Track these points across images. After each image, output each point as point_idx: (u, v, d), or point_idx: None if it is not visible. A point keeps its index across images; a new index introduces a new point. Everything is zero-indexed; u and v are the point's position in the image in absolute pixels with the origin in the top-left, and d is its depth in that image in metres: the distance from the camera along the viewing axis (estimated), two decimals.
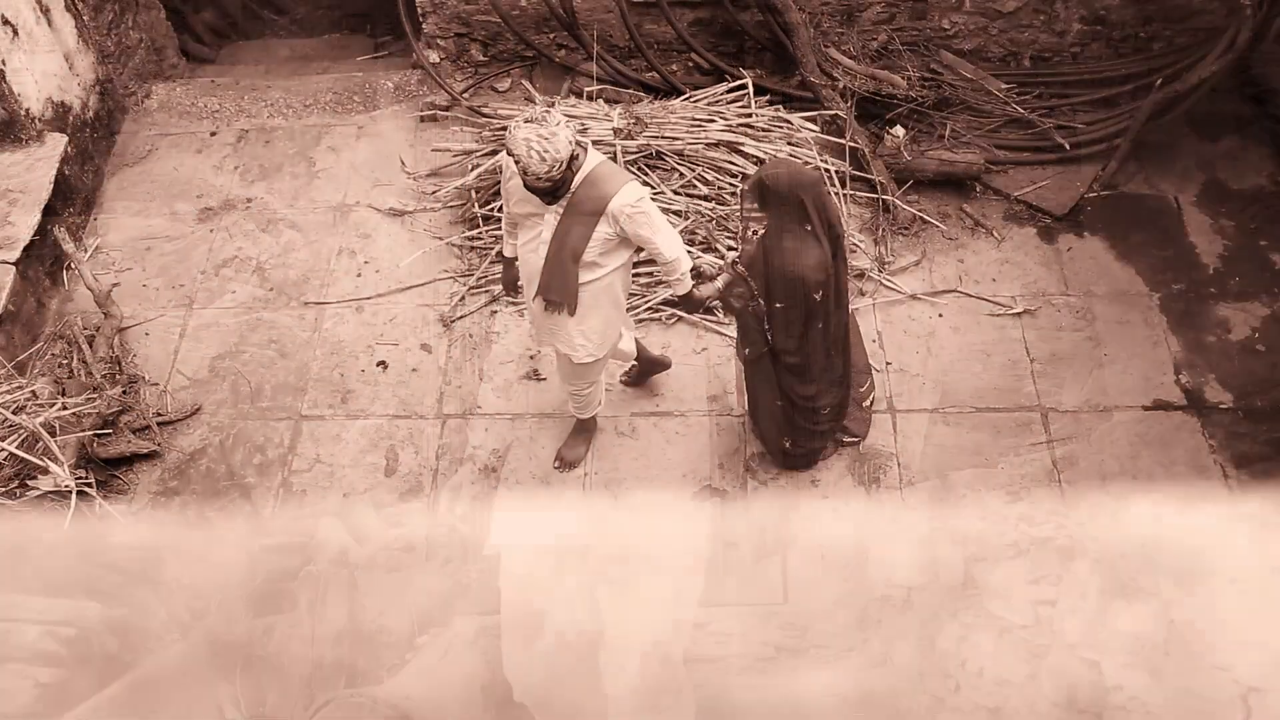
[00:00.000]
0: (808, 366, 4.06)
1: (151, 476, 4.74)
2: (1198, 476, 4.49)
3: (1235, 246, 5.23)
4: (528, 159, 3.30)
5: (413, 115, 6.07)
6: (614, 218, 3.56)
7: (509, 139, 3.33)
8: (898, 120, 5.61)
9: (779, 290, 3.84)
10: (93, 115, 5.84)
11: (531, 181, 3.40)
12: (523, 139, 3.29)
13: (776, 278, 3.81)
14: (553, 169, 3.33)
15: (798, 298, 3.83)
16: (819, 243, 3.74)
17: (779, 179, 3.70)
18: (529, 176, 3.37)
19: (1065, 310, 5.06)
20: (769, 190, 3.70)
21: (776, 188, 3.68)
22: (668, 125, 5.27)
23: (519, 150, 3.31)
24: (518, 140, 3.30)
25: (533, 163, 3.31)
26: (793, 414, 4.25)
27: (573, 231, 3.58)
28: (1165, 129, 5.51)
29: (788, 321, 3.92)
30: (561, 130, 3.30)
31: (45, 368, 4.97)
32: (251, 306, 5.29)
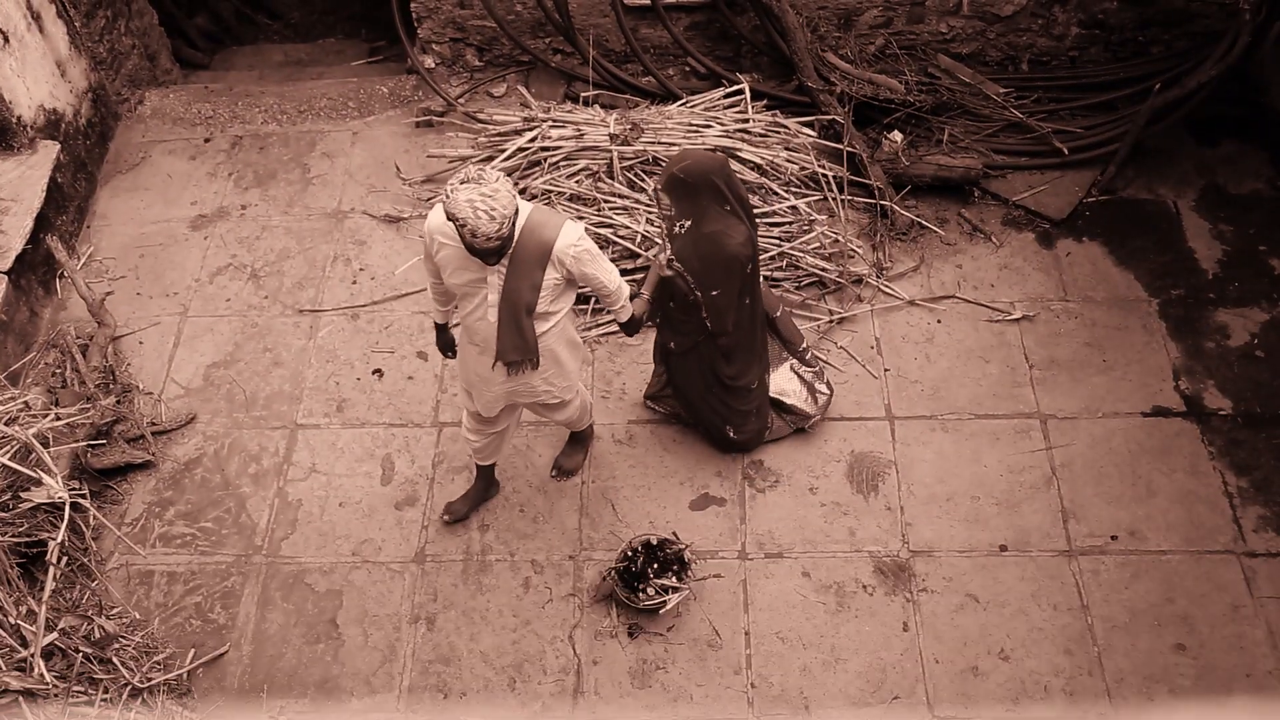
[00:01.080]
0: (738, 346, 4.14)
1: (146, 487, 4.71)
2: (1197, 484, 4.47)
3: (1234, 252, 5.21)
4: (475, 220, 3.14)
5: (408, 121, 6.04)
6: (559, 262, 3.44)
7: (449, 205, 3.16)
8: (895, 125, 5.59)
9: (716, 276, 3.87)
10: (85, 122, 5.80)
11: (481, 243, 3.21)
12: (465, 201, 3.14)
13: (710, 264, 3.84)
14: (503, 226, 3.18)
15: (734, 278, 3.89)
16: (740, 219, 3.81)
17: (691, 169, 3.71)
18: (479, 239, 3.19)
19: (1064, 316, 5.04)
20: (683, 182, 3.72)
21: (690, 178, 3.71)
22: (664, 131, 5.25)
23: (464, 213, 3.14)
24: (460, 204, 3.14)
25: (481, 223, 3.15)
26: (725, 398, 4.32)
27: (522, 286, 3.44)
28: (1164, 134, 5.50)
29: (726, 305, 3.97)
30: (501, 184, 3.17)
31: (38, 377, 4.93)
32: (246, 314, 5.26)
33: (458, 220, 3.17)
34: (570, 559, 4.41)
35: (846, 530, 4.43)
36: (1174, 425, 4.66)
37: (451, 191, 3.16)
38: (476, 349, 3.73)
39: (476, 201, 3.13)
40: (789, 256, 5.11)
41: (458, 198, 3.15)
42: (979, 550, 4.36)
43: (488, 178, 3.16)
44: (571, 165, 5.23)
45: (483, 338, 3.65)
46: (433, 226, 3.47)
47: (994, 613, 4.20)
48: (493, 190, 3.15)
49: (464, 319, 3.68)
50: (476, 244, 3.22)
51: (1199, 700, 3.96)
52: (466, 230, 3.18)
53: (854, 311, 5.09)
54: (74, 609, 4.22)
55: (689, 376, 4.34)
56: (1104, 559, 4.30)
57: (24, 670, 3.83)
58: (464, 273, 3.49)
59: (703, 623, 4.23)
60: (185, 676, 4.18)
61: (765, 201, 5.19)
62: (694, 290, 3.91)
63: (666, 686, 4.09)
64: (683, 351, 4.22)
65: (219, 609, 4.36)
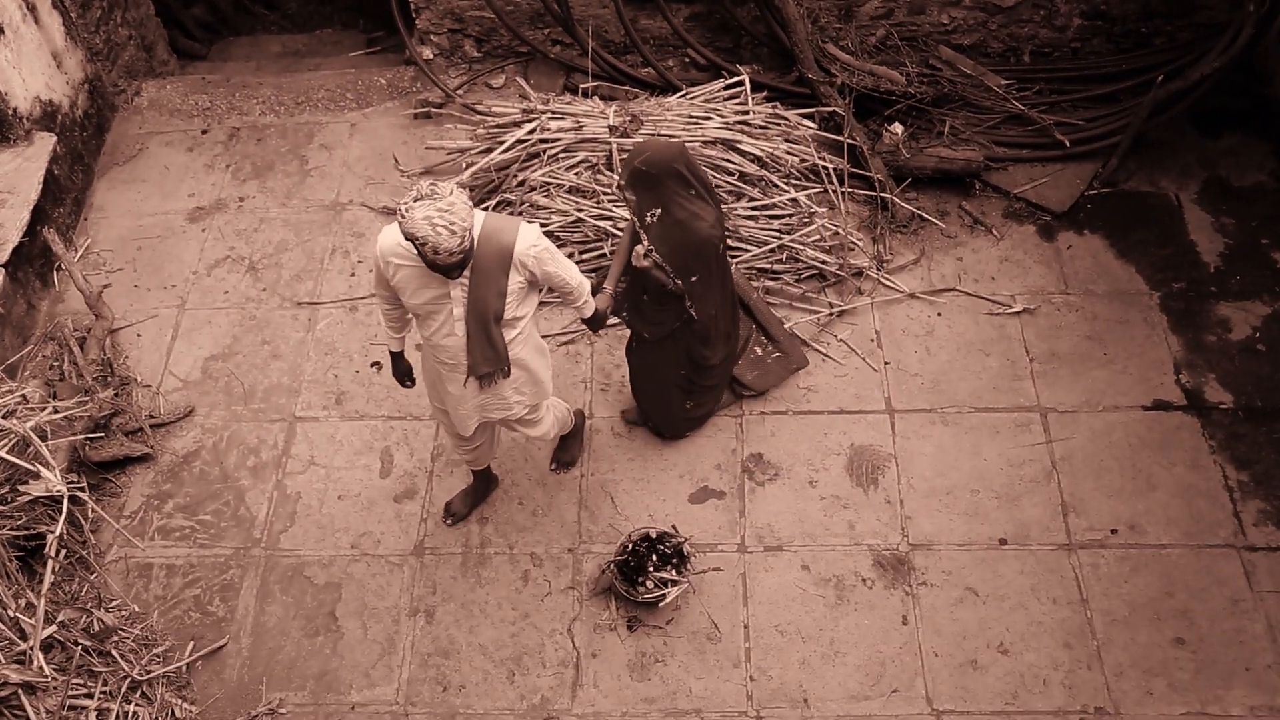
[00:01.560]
0: (716, 328, 4.14)
1: (144, 479, 4.71)
2: (1197, 478, 4.47)
3: (1236, 245, 5.19)
4: (436, 237, 3.03)
5: (406, 112, 6.01)
6: (521, 264, 3.37)
7: (406, 226, 3.05)
8: (896, 117, 5.56)
9: (692, 262, 3.86)
10: (82, 114, 5.77)
11: (444, 259, 3.10)
12: (422, 219, 3.02)
13: (685, 251, 3.83)
14: (464, 239, 3.08)
15: (710, 262, 3.89)
16: (707, 201, 3.81)
17: (652, 160, 3.68)
18: (441, 255, 3.08)
19: (1065, 309, 5.02)
20: (647, 174, 3.70)
21: (653, 169, 3.68)
22: (664, 123, 5.22)
23: (423, 231, 3.03)
24: (417, 223, 3.02)
25: (443, 239, 3.04)
26: (693, 375, 4.33)
27: (488, 294, 3.36)
28: (1166, 126, 5.47)
29: (706, 289, 3.96)
30: (456, 196, 3.07)
31: (36, 370, 4.93)
32: (244, 307, 5.24)
33: (417, 239, 3.06)
34: (569, 552, 4.41)
35: (846, 523, 4.43)
36: (1174, 419, 4.65)
37: (406, 211, 3.04)
38: (445, 367, 3.64)
39: (434, 218, 3.02)
40: (789, 249, 5.09)
41: (414, 216, 3.03)
42: (978, 544, 4.35)
43: (441, 191, 3.06)
44: (570, 157, 5.20)
45: (451, 354, 3.56)
46: (384, 249, 3.36)
47: (993, 606, 4.19)
48: (449, 204, 3.04)
49: (429, 338, 3.56)
50: (440, 260, 3.12)
51: (1198, 694, 3.96)
52: (428, 248, 3.07)
53: (854, 304, 5.07)
54: (73, 602, 4.22)
55: (659, 361, 4.31)
56: (1104, 553, 4.30)
57: (23, 663, 3.83)
58: (425, 291, 3.38)
59: (702, 616, 4.23)
60: (184, 669, 4.19)
61: (765, 194, 5.17)
62: (674, 280, 3.90)
63: (665, 679, 4.09)
64: (659, 338, 4.20)
65: (218, 602, 4.36)
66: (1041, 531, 4.37)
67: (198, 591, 4.39)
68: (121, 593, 4.37)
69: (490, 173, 5.33)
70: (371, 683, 4.14)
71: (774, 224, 5.14)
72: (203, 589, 4.39)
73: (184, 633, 4.28)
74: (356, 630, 4.27)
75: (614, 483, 4.59)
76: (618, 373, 4.89)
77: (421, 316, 3.50)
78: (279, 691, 4.14)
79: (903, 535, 4.39)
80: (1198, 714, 3.92)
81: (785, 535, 4.41)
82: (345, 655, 4.21)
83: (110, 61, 6.09)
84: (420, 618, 4.28)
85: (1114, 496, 4.44)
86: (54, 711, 3.78)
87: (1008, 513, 4.42)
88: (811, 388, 4.82)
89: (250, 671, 4.19)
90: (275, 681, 4.16)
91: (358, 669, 4.18)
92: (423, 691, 4.11)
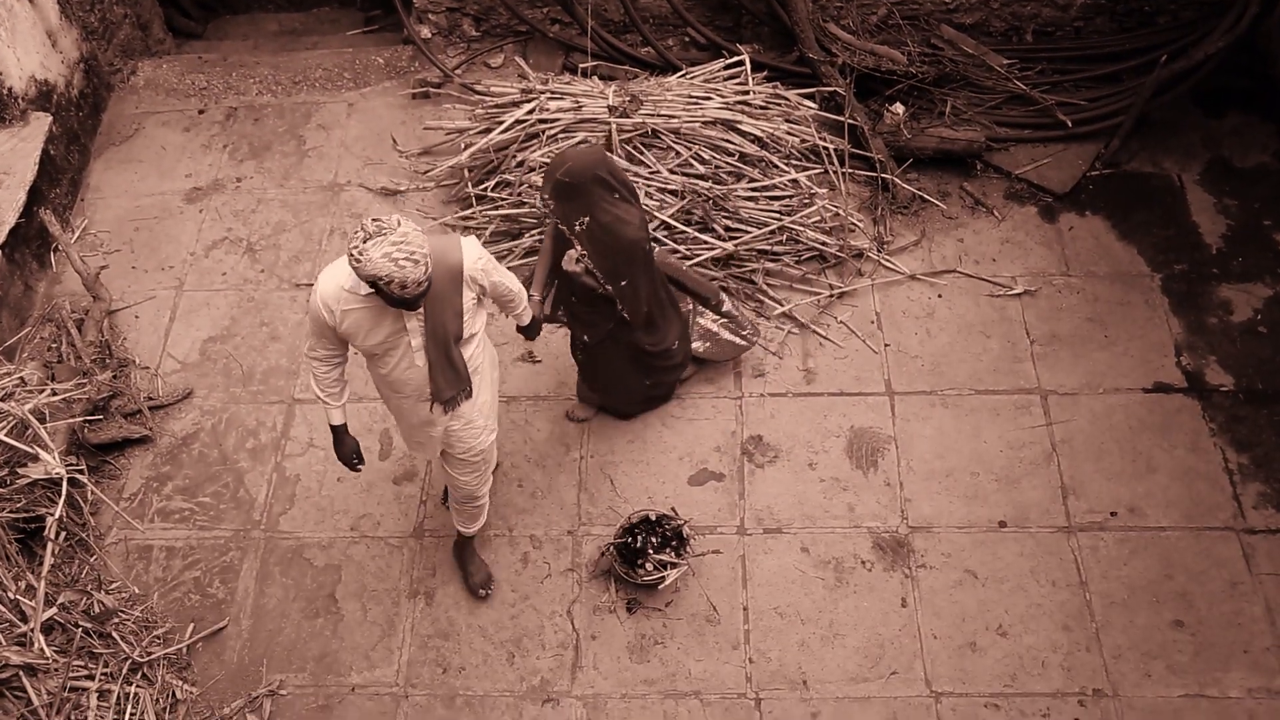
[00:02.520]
0: (656, 318, 4.15)
1: (144, 462, 4.71)
2: (1197, 460, 4.46)
3: (1239, 226, 5.16)
4: (401, 271, 2.91)
5: (404, 92, 5.97)
6: (472, 280, 3.31)
7: (366, 268, 2.91)
8: (897, 97, 5.52)
9: (622, 266, 3.85)
10: (77, 94, 5.73)
11: (412, 290, 2.98)
12: (382, 257, 2.89)
13: (613, 255, 3.81)
14: (427, 266, 2.97)
15: (638, 263, 3.89)
16: (631, 204, 3.80)
17: (574, 170, 3.66)
18: (409, 287, 2.96)
19: (1066, 291, 5.00)
20: (570, 185, 3.67)
21: (575, 179, 3.66)
22: (663, 103, 5.18)
23: (385, 269, 2.90)
24: (377, 262, 2.89)
25: (408, 272, 2.92)
26: (651, 362, 4.33)
27: (445, 317, 3.28)
28: (1169, 106, 5.43)
29: (634, 290, 3.96)
30: (405, 225, 2.95)
31: (34, 352, 4.91)
32: (242, 288, 5.22)
33: (381, 279, 2.93)
34: (569, 534, 4.41)
35: (845, 506, 4.43)
36: (1175, 401, 4.64)
37: (361, 255, 2.91)
38: (408, 401, 3.55)
39: (393, 253, 2.90)
40: (789, 230, 5.07)
41: (373, 257, 2.90)
42: (978, 526, 4.35)
43: (389, 225, 2.93)
44: (570, 138, 5.16)
45: (414, 387, 3.47)
46: (327, 296, 3.21)
47: (992, 589, 4.20)
48: (402, 235, 2.92)
49: (386, 377, 3.46)
50: (408, 294, 2.99)
51: (1196, 676, 3.97)
52: (394, 285, 2.94)
53: (854, 286, 5.05)
54: (73, 584, 4.23)
55: (611, 360, 4.30)
56: (1103, 535, 4.30)
57: (24, 645, 3.84)
58: (379, 330, 3.26)
59: (701, 598, 4.24)
60: (185, 651, 4.20)
61: (765, 175, 5.14)
62: (603, 285, 3.88)
63: (665, 661, 4.10)
64: (598, 340, 4.19)
65: (218, 583, 4.37)
66: (1041, 514, 4.37)
67: (197, 573, 4.39)
68: (121, 575, 4.37)
69: (489, 153, 5.30)
70: (371, 664, 4.15)
71: (774, 205, 5.12)
72: (202, 571, 4.40)
73: (184, 615, 4.29)
74: (356, 612, 4.27)
75: (613, 465, 4.58)
76: None
77: (377, 356, 3.38)
78: (279, 673, 4.15)
79: (902, 518, 4.39)
80: (1196, 696, 3.94)
81: (785, 517, 4.41)
82: (345, 637, 4.22)
83: (105, 40, 6.04)
84: (420, 600, 4.29)
85: (1114, 479, 4.44)
86: (55, 693, 3.79)
87: (1007, 495, 4.42)
88: (811, 370, 4.81)
89: (250, 653, 4.20)
90: (275, 663, 4.17)
91: (358, 651, 4.19)
92: (422, 673, 4.12)
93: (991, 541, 4.31)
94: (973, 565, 4.26)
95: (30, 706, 3.73)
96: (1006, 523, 4.35)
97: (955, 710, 3.95)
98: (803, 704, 3.99)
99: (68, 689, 3.86)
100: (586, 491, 4.52)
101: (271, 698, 4.09)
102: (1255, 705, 3.90)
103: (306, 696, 4.10)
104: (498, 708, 4.03)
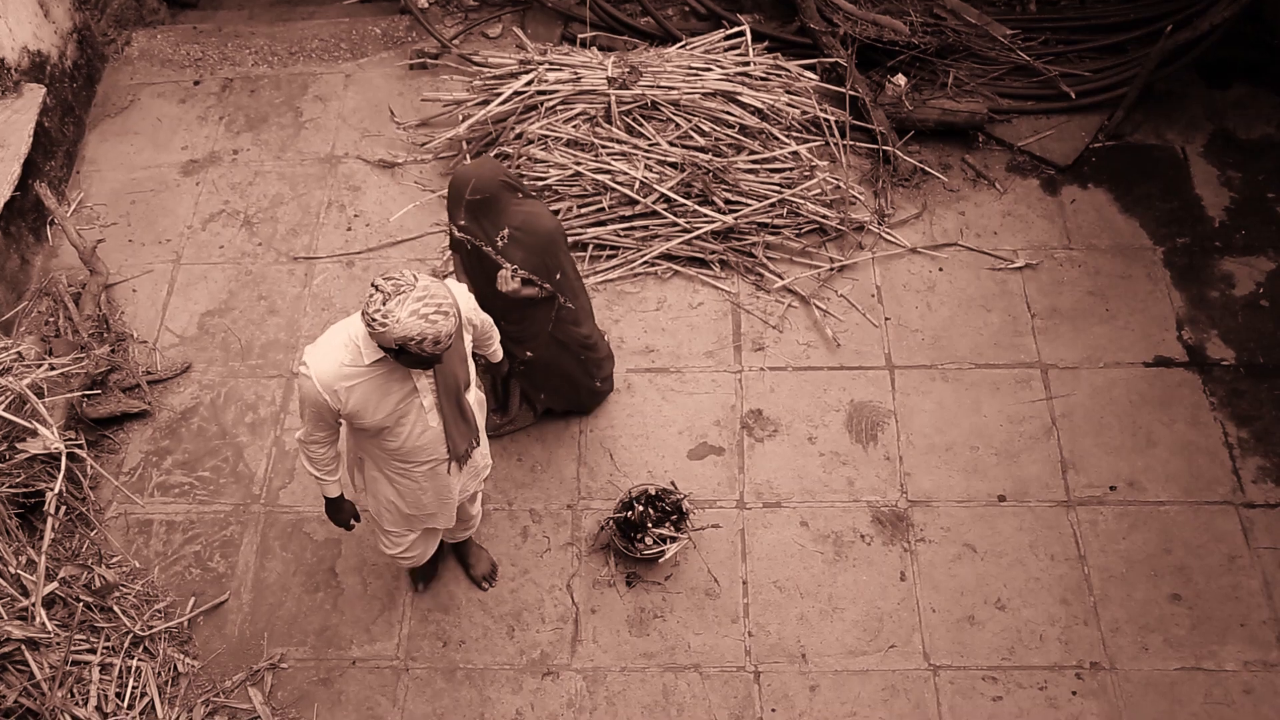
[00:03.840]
0: (581, 306, 4.10)
1: (143, 436, 4.70)
2: (1197, 435, 4.46)
3: (1242, 199, 5.13)
4: (434, 327, 2.71)
5: (401, 63, 5.91)
6: (469, 323, 3.22)
7: (395, 330, 2.69)
8: (899, 68, 5.47)
9: (550, 260, 3.77)
10: (71, 64, 5.68)
11: (445, 344, 2.77)
12: (410, 315, 2.68)
13: (539, 251, 3.72)
14: (455, 315, 2.78)
15: (562, 249, 3.83)
16: (530, 195, 3.76)
17: (480, 184, 3.59)
18: (442, 342, 2.75)
19: (1067, 264, 4.98)
20: (482, 200, 3.61)
21: (484, 191, 3.59)
22: (663, 74, 5.14)
23: (417, 328, 2.69)
24: (406, 321, 2.67)
25: (441, 325, 2.72)
26: (588, 356, 4.29)
27: (454, 366, 3.10)
28: (1174, 77, 5.38)
29: (568, 277, 3.91)
30: (423, 279, 2.75)
31: (31, 326, 4.90)
32: (240, 261, 5.20)
33: (412, 339, 2.71)
34: (568, 508, 4.41)
35: (845, 480, 4.43)
36: (1176, 375, 4.63)
37: (385, 317, 2.69)
38: (423, 469, 3.31)
39: (421, 309, 2.70)
40: (789, 203, 5.03)
41: (400, 317, 2.68)
42: (977, 500, 4.36)
43: (405, 281, 2.72)
44: (569, 110, 5.12)
45: (430, 450, 3.23)
46: (325, 378, 2.94)
47: (991, 563, 4.21)
48: (424, 289, 2.72)
49: (399, 450, 3.20)
50: (440, 349, 2.78)
51: (1193, 649, 3.99)
52: (427, 343, 2.73)
53: (855, 259, 5.03)
54: (73, 558, 4.24)
55: (556, 364, 4.22)
56: (1102, 509, 4.30)
57: (26, 619, 3.85)
58: (389, 399, 3.02)
59: (700, 572, 4.25)
60: (186, 624, 4.21)
61: (766, 147, 5.10)
62: (543, 286, 3.81)
63: (664, 634, 4.12)
64: (540, 351, 4.12)
65: (218, 558, 4.38)
66: (1040, 488, 4.37)
67: (198, 548, 4.40)
68: (122, 549, 4.38)
69: (487, 125, 5.26)
70: (372, 638, 4.17)
71: (774, 178, 5.08)
72: (203, 545, 4.40)
73: (185, 589, 4.30)
74: (356, 586, 4.29)
75: (613, 439, 4.58)
76: (615, 329, 4.86)
77: (387, 429, 3.10)
78: (280, 646, 4.16)
79: (902, 492, 4.39)
80: (1192, 669, 3.96)
81: (784, 491, 4.41)
82: (346, 611, 4.23)
83: (99, 10, 5.98)
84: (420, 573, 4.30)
85: (1113, 453, 4.43)
86: (57, 666, 3.81)
87: (1007, 469, 4.42)
88: (811, 343, 4.79)
89: (251, 627, 4.22)
90: (276, 637, 4.19)
91: (358, 624, 4.20)
92: (423, 646, 4.13)
93: (990, 516, 4.32)
94: (972, 539, 4.27)
95: (33, 680, 3.75)
96: (1006, 497, 4.36)
97: (953, 683, 3.97)
98: (801, 677, 4.01)
99: (70, 662, 3.88)
100: (586, 466, 4.52)
101: (273, 671, 4.11)
102: (1251, 678, 3.92)
103: (308, 669, 4.12)
104: (498, 681, 4.06)
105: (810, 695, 3.98)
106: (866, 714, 3.93)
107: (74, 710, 3.79)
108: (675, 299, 4.95)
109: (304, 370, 2.97)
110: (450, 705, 4.01)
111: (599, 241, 5.03)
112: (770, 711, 3.95)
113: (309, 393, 2.99)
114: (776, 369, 4.73)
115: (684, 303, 4.94)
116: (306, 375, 2.96)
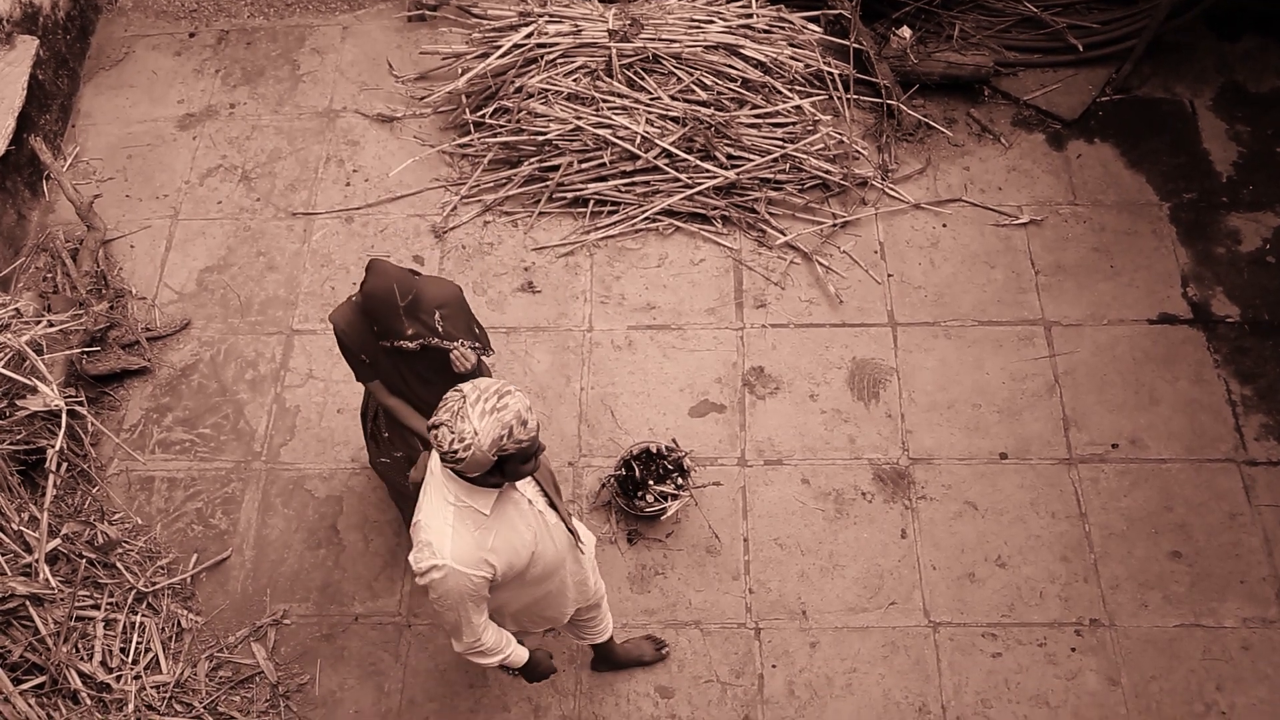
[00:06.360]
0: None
1: (143, 393, 4.69)
2: (1200, 392, 4.44)
3: (1250, 154, 5.06)
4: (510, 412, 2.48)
5: (400, 15, 5.81)
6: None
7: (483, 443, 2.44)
8: (904, 20, 5.38)
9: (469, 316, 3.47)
10: (64, 15, 5.58)
11: (533, 423, 2.52)
12: (480, 419, 2.44)
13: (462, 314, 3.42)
14: (517, 390, 2.56)
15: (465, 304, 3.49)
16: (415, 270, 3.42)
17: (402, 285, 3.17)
18: (529, 424, 2.52)
19: (1072, 220, 4.93)
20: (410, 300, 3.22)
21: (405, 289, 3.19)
22: (665, 27, 5.05)
23: (499, 425, 2.45)
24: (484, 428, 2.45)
25: (512, 405, 2.48)
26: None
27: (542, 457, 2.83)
28: (1183, 29, 5.29)
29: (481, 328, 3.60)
30: (484, 383, 2.53)
31: (29, 282, 4.87)
32: (238, 217, 5.15)
33: (503, 436, 2.46)
34: (569, 466, 4.41)
35: (846, 437, 4.42)
36: (1180, 333, 4.60)
37: (464, 440, 2.44)
38: (557, 577, 3.01)
39: (485, 406, 2.46)
40: (792, 158, 4.98)
41: (483, 429, 2.43)
42: (979, 458, 4.35)
43: (469, 394, 2.48)
44: (569, 63, 5.05)
45: (560, 555, 2.94)
46: (468, 556, 2.61)
47: (992, 520, 4.22)
48: (495, 394, 2.48)
49: (540, 577, 2.89)
50: (531, 431, 2.51)
51: (1192, 606, 4.00)
52: (518, 431, 2.47)
53: (858, 215, 4.98)
54: (76, 515, 4.25)
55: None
56: (1104, 467, 4.30)
57: (29, 575, 3.87)
58: (525, 530, 2.74)
59: (702, 529, 4.26)
60: (189, 580, 4.23)
61: (769, 101, 5.03)
62: (485, 346, 3.53)
63: (665, 591, 4.14)
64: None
65: (220, 514, 4.39)
66: (1042, 446, 4.36)
67: (199, 505, 4.41)
68: (124, 506, 4.39)
69: (486, 79, 5.18)
70: (374, 594, 4.19)
71: (777, 132, 5.02)
72: (204, 502, 4.41)
73: (187, 545, 4.31)
74: (358, 543, 4.30)
75: (614, 396, 4.57)
76: (617, 285, 4.84)
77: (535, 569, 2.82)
78: (283, 603, 4.19)
79: (903, 449, 4.39)
80: (1191, 625, 3.98)
81: (785, 449, 4.41)
82: (348, 568, 4.25)
83: None
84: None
85: (1116, 411, 4.42)
86: (61, 622, 3.84)
87: (1009, 427, 4.41)
88: (813, 300, 4.77)
89: (254, 583, 4.24)
90: (279, 593, 4.21)
91: (360, 581, 4.22)
92: (425, 603, 4.15)
93: (992, 473, 4.32)
94: (973, 497, 4.27)
95: (38, 635, 3.78)
96: (1007, 454, 4.35)
97: (953, 640, 3.99)
98: (802, 634, 4.03)
99: (74, 618, 3.91)
100: (587, 423, 4.51)
101: (276, 626, 4.14)
102: (1250, 634, 3.94)
103: (310, 625, 4.14)
104: None
105: (810, 652, 4.00)
106: (866, 670, 3.96)
107: (79, 665, 3.82)
108: (677, 255, 4.91)
109: (435, 568, 2.59)
110: (452, 661, 4.04)
111: (600, 197, 4.98)
112: (770, 668, 3.98)
113: (459, 588, 2.63)
114: (778, 326, 4.71)
115: (685, 259, 4.90)
116: (445, 569, 2.58)
